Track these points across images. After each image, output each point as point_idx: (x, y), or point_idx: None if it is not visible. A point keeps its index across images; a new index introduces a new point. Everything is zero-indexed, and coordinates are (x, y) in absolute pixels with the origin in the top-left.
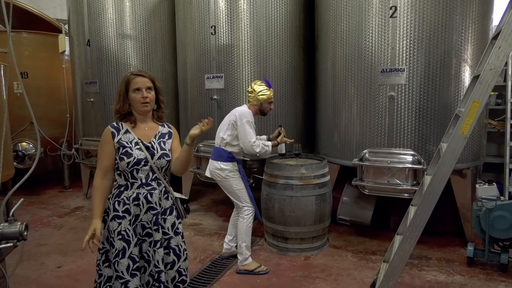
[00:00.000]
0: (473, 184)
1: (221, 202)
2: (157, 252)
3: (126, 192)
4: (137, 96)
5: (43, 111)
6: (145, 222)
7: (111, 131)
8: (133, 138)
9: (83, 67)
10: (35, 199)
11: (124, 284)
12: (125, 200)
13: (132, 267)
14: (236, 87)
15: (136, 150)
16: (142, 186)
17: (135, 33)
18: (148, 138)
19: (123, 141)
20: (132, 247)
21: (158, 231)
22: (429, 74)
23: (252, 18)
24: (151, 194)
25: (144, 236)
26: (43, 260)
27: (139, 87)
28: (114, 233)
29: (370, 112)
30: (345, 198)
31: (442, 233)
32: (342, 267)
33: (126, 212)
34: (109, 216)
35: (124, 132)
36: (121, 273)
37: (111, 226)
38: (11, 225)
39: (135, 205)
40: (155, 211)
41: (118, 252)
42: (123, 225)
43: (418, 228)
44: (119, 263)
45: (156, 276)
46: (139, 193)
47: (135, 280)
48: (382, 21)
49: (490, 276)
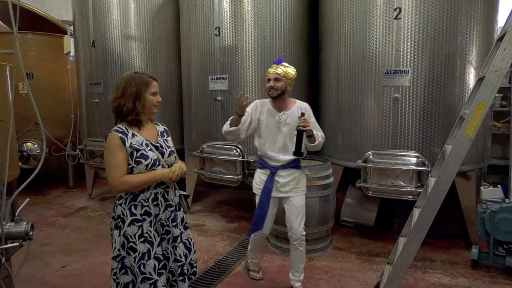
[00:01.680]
0: (478, 186)
1: (224, 203)
2: (178, 247)
3: (142, 194)
4: (154, 99)
5: (48, 111)
6: (164, 220)
7: (119, 137)
8: (142, 140)
9: (88, 68)
10: (39, 199)
11: (153, 284)
12: (142, 203)
13: (158, 267)
14: (240, 88)
15: (149, 151)
16: (159, 186)
17: (140, 34)
18: (154, 138)
19: (134, 145)
20: (156, 247)
21: (176, 226)
22: (434, 75)
23: (256, 20)
24: (167, 192)
25: (163, 234)
26: (47, 260)
27: (156, 91)
28: (135, 237)
29: (374, 113)
30: (348, 200)
31: (446, 235)
32: (345, 268)
33: (146, 214)
34: (125, 222)
35: (132, 136)
36: (149, 274)
37: (129, 231)
38: (17, 224)
39: (154, 205)
40: (172, 208)
41: (143, 255)
42: (144, 227)
43: (423, 230)
44: (145, 265)
45: (180, 270)
46: (157, 193)
47: (162, 279)
48: (387, 22)
49: (494, 279)
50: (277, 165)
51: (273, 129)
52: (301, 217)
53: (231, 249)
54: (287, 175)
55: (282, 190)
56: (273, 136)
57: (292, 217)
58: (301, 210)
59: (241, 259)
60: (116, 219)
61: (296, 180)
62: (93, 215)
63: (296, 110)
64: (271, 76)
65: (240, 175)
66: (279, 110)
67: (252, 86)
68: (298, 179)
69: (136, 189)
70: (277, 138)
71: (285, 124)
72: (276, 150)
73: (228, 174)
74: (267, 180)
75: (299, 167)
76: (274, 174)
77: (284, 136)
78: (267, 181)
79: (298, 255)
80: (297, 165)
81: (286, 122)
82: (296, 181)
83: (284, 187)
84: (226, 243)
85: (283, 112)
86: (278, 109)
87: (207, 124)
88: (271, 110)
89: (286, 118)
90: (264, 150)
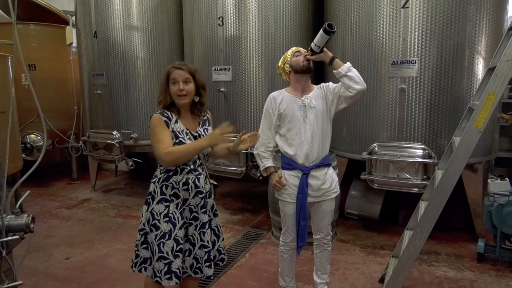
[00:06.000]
0: (485, 179)
1: (228, 195)
2: (206, 233)
3: (175, 177)
4: (174, 88)
5: (50, 103)
6: (193, 206)
7: (164, 120)
8: (183, 128)
9: (90, 59)
10: (43, 191)
11: (168, 264)
12: (174, 185)
13: (176, 249)
14: (243, 79)
15: (187, 140)
16: (191, 172)
17: (142, 24)
18: (195, 128)
19: (176, 131)
20: (177, 229)
21: (205, 213)
22: (441, 66)
23: (260, 9)
24: (199, 179)
25: (191, 220)
26: (51, 252)
27: (176, 80)
28: (160, 216)
29: (380, 105)
30: (353, 192)
31: (452, 228)
32: (350, 261)
33: (174, 196)
34: (154, 199)
35: (175, 122)
36: (166, 253)
37: (156, 209)
38: (17, 217)
39: (184, 190)
40: (202, 195)
41: (164, 234)
42: (171, 208)
43: (429, 224)
44: (164, 244)
45: (206, 256)
46: (188, 178)
47: (177, 261)
48: (394, 11)
49: (501, 272)
50: (307, 164)
51: (298, 117)
52: (331, 219)
53: (235, 241)
54: (321, 176)
55: (314, 195)
56: (299, 126)
57: (322, 222)
58: (331, 214)
59: (245, 252)
60: (148, 195)
61: (329, 182)
62: (96, 207)
63: (317, 91)
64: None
65: (244, 167)
66: (301, 93)
67: (256, 77)
68: (331, 180)
69: (182, 158)
70: (303, 128)
71: (310, 108)
72: (304, 144)
73: (232, 166)
74: (301, 183)
75: (330, 164)
76: (307, 175)
77: (312, 124)
78: (301, 184)
79: (326, 255)
80: (329, 162)
81: (310, 106)
82: (329, 183)
83: (317, 191)
84: (230, 235)
85: (305, 96)
86: (301, 92)
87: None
88: (291, 97)
89: (310, 102)
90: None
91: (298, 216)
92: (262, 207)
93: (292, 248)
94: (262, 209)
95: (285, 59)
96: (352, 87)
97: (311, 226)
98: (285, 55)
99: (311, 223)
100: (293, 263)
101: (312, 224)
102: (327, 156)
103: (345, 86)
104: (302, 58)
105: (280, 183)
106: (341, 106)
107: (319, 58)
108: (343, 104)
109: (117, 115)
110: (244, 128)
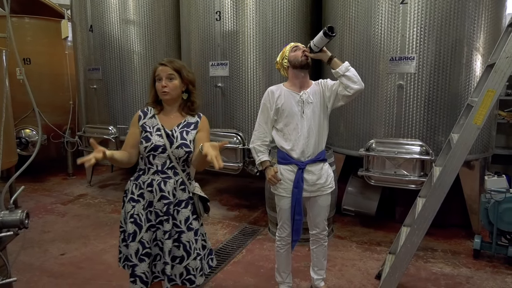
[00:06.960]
0: (481, 176)
1: (224, 191)
2: (165, 243)
3: (143, 176)
4: (158, 85)
5: (46, 97)
6: (158, 210)
7: (139, 115)
8: (157, 124)
9: (86, 53)
10: (38, 186)
11: (132, 267)
12: (141, 185)
13: (141, 252)
14: (241, 75)
15: (156, 136)
16: (157, 173)
17: (139, 18)
18: (171, 126)
19: (146, 125)
20: (143, 232)
21: (168, 221)
22: (440, 62)
23: (258, 4)
24: (165, 183)
25: (158, 224)
26: (46, 247)
27: (160, 76)
28: (127, 215)
29: (377, 101)
30: (350, 189)
31: (448, 225)
32: (346, 257)
33: (141, 196)
34: (127, 197)
35: (150, 117)
36: (130, 256)
37: (126, 208)
38: (11, 213)
39: (148, 191)
40: (167, 201)
41: (128, 235)
42: (136, 208)
43: (427, 221)
44: (129, 246)
45: (160, 268)
46: (153, 180)
47: (142, 265)
48: (392, 7)
49: (496, 269)
50: (303, 159)
51: (295, 112)
52: (327, 214)
53: (231, 237)
54: (316, 171)
55: (309, 189)
56: (296, 122)
57: (318, 218)
58: (327, 209)
59: (242, 248)
60: (124, 193)
61: (325, 177)
62: (92, 202)
63: (315, 87)
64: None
65: (241, 163)
66: (299, 89)
67: (253, 72)
68: (327, 175)
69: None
70: (300, 123)
71: (308, 103)
72: (301, 139)
73: (229, 162)
74: (296, 178)
75: (326, 159)
76: (303, 170)
77: (309, 119)
78: (296, 179)
79: (323, 251)
80: (325, 157)
81: (308, 102)
82: (325, 178)
83: (312, 186)
84: (226, 231)
85: (303, 91)
86: (299, 88)
87: (207, 111)
88: (289, 92)
89: (307, 97)
90: (286, 143)
91: (294, 211)
92: (259, 203)
93: (288, 243)
94: (259, 205)
95: (283, 54)
96: (350, 87)
97: (307, 222)
98: (284, 50)
99: (307, 219)
100: (290, 259)
101: (308, 219)
102: (323, 152)
103: (343, 86)
104: (300, 53)
105: (276, 177)
106: (338, 103)
107: (318, 57)
108: (340, 102)
109: (113, 110)
110: (242, 124)
